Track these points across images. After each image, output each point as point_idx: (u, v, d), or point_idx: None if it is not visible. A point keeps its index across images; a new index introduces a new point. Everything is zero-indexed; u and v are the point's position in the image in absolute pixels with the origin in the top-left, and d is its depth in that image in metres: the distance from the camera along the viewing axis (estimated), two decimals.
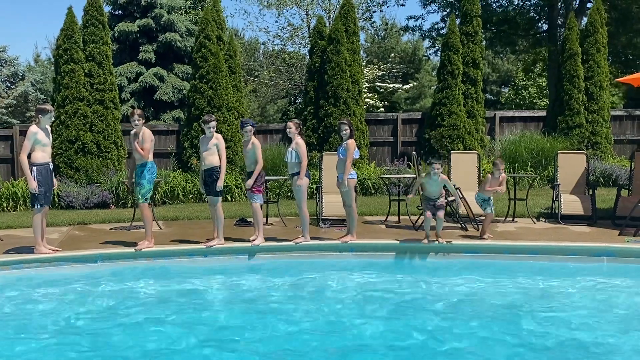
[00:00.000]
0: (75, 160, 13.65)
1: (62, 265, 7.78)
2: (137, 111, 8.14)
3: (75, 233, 9.84)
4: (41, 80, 25.92)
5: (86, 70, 14.12)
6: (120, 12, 21.60)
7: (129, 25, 20.68)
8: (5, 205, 12.71)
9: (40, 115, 7.76)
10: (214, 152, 8.16)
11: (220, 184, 8.16)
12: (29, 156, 7.65)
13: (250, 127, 8.29)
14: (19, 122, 22.34)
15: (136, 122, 8.06)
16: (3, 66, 25.06)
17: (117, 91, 14.82)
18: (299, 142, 8.34)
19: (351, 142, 8.32)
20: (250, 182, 8.24)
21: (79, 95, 13.88)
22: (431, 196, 8.29)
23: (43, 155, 7.70)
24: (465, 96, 15.33)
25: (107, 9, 20.60)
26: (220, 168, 8.17)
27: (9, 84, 25.05)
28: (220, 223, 8.31)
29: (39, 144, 7.66)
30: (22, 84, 24.74)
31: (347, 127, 8.34)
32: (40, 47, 63.48)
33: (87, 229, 10.23)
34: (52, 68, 18.73)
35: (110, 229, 10.25)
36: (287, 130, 8.53)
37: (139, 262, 8.00)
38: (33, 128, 7.70)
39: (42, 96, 24.92)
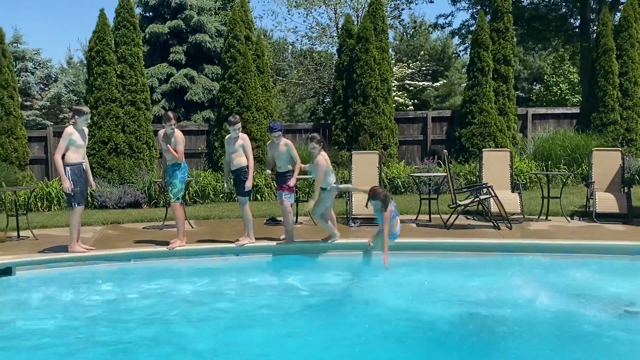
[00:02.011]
0: (108, 160, 13.85)
1: (96, 263, 7.89)
2: (172, 114, 8.19)
3: (109, 232, 9.98)
4: (74, 82, 26.35)
5: (118, 72, 14.32)
6: (151, 13, 21.88)
7: (159, 26, 20.92)
8: (39, 205, 12.94)
9: (76, 116, 7.86)
10: (240, 153, 8.19)
11: (249, 184, 8.18)
12: (63, 156, 7.76)
13: (279, 132, 8.17)
14: (52, 123, 22.74)
15: (173, 127, 8.10)
16: (37, 68, 25.54)
17: (149, 92, 14.99)
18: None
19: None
20: (293, 180, 8.17)
21: (111, 96, 14.09)
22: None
23: (76, 155, 7.80)
24: (496, 93, 15.16)
25: (138, 10, 20.89)
26: (248, 168, 8.20)
27: (42, 86, 25.52)
28: (249, 222, 8.34)
29: (73, 144, 7.77)
30: (55, 86, 25.19)
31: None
32: (72, 49, 64.66)
33: (120, 228, 10.36)
34: (85, 70, 19.04)
35: (143, 228, 10.37)
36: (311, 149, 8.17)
37: (172, 260, 8.08)
38: (69, 129, 7.82)
39: (75, 98, 25.34)
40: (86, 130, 8.10)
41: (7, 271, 7.53)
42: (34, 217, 10.90)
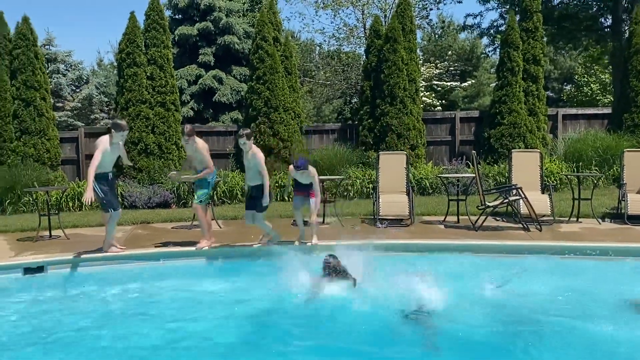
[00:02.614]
0: (138, 161, 14.03)
1: (127, 263, 8.00)
2: (186, 129, 8.16)
3: (138, 232, 10.11)
4: (104, 84, 26.74)
5: (148, 74, 14.50)
6: (180, 15, 22.10)
7: (188, 28, 21.13)
8: (71, 204, 13.16)
9: (113, 130, 7.82)
10: (255, 170, 8.03)
11: (266, 201, 8.00)
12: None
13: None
14: (83, 124, 23.10)
15: (187, 141, 8.15)
16: (68, 70, 25.99)
17: (178, 94, 15.15)
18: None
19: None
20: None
21: (141, 97, 14.27)
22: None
23: (104, 165, 7.83)
24: (525, 93, 14.97)
25: (167, 13, 21.10)
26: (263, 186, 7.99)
27: (74, 88, 25.94)
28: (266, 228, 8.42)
29: (105, 156, 7.78)
30: (86, 88, 25.58)
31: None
32: (103, 51, 65.53)
33: (149, 228, 10.49)
34: (115, 71, 19.29)
35: (172, 227, 10.49)
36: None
37: (200, 260, 8.15)
38: (104, 141, 7.78)
39: (106, 99, 25.71)
40: (121, 143, 8.00)
41: (39, 269, 7.68)
42: (65, 217, 11.08)
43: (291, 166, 8.29)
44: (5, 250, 8.72)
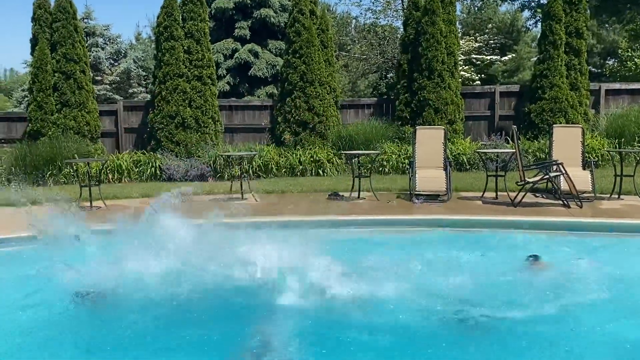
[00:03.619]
0: (176, 134, 14.15)
1: None
2: None
3: None
4: (142, 58, 26.96)
5: (185, 47, 14.55)
6: None
7: (225, 1, 21.08)
8: (110, 177, 13.38)
9: None
10: None
11: None
12: None
13: None
14: (122, 98, 23.38)
15: None
16: (107, 44, 26.24)
17: (214, 67, 15.18)
18: None
19: None
20: None
21: (178, 71, 14.34)
22: None
23: None
24: (567, 68, 14.59)
25: None
26: None
27: (112, 61, 26.23)
28: None
29: None
30: (124, 61, 25.85)
31: None
32: (141, 25, 66.01)
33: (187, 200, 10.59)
34: (153, 45, 19.41)
35: (209, 200, 10.58)
36: None
37: None
38: None
39: (144, 73, 25.95)
40: None
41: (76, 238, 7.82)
42: (105, 189, 11.26)
43: None
44: None
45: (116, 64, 26.18)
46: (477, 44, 25.56)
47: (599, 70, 33.96)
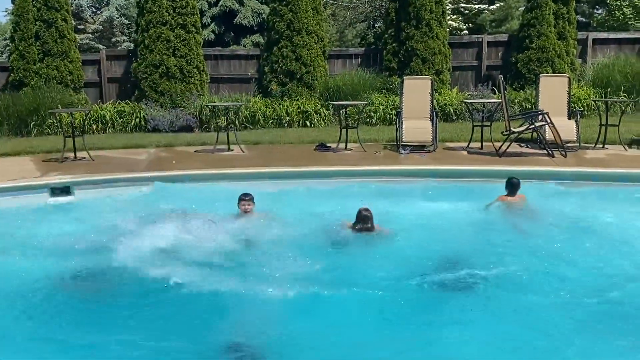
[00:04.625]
0: (160, 84, 13.95)
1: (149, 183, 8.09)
2: None
3: (162, 154, 10.20)
4: (125, 6, 26.39)
5: None
6: None
7: None
8: (94, 127, 13.26)
9: None
10: None
11: None
12: None
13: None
14: (105, 47, 22.97)
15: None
16: None
17: (199, 15, 14.88)
18: None
19: None
20: None
21: (161, 19, 14.02)
22: None
23: None
24: (556, 17, 14.43)
25: None
26: None
27: (94, 9, 25.67)
28: None
29: None
30: (107, 10, 25.31)
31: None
32: None
33: (172, 151, 10.56)
34: None
35: (195, 151, 10.55)
36: None
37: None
38: None
39: (127, 21, 25.44)
40: None
41: (66, 190, 7.82)
42: (89, 139, 11.14)
43: None
44: (32, 170, 8.88)
45: (98, 12, 25.64)
46: None
47: (587, 20, 33.71)
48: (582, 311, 4.53)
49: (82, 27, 24.03)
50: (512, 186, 6.86)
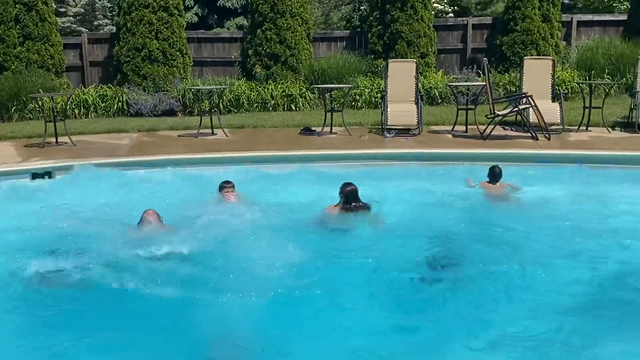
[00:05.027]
0: (142, 68, 13.79)
1: (134, 168, 8.02)
2: None
3: (144, 139, 10.11)
4: None
5: None
6: None
7: None
8: (76, 112, 13.11)
9: None
10: None
11: None
12: None
13: None
14: (87, 30, 22.64)
15: None
16: None
17: None
18: None
19: None
20: None
21: (144, 1, 13.82)
22: None
23: None
24: None
25: None
26: None
27: None
28: None
29: None
30: None
31: None
32: None
33: (155, 136, 10.48)
34: None
35: (178, 135, 10.46)
36: None
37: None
38: None
39: (109, 4, 25.06)
40: None
41: (48, 175, 7.74)
42: (71, 124, 11.02)
43: None
44: (13, 156, 8.77)
45: None
46: None
47: (572, 2, 33.73)
48: (561, 298, 4.54)
49: (63, 10, 23.60)
50: (494, 175, 6.87)
